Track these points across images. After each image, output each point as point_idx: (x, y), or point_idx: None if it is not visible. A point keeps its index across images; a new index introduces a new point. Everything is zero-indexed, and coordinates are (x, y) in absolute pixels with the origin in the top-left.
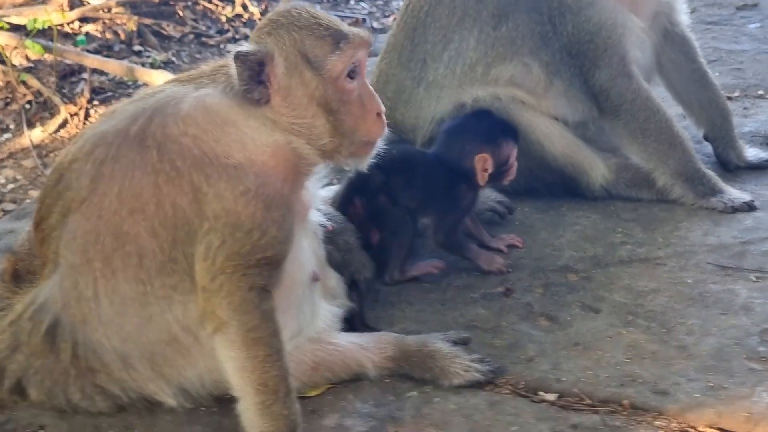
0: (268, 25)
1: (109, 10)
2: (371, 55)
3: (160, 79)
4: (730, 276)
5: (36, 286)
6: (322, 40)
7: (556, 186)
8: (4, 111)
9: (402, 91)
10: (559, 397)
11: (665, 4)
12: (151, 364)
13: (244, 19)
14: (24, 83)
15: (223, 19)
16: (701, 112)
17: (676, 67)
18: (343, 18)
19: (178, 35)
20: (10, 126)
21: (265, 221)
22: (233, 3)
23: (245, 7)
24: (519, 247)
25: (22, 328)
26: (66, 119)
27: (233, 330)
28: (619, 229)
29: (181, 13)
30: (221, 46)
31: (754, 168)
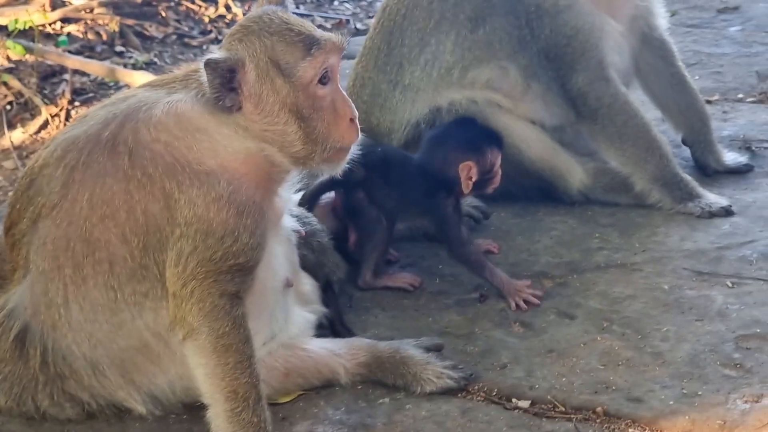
0: (240, 31)
1: (91, 11)
2: (350, 57)
3: (141, 80)
4: (707, 282)
5: (6, 291)
6: (293, 46)
7: (533, 190)
8: None
9: (378, 95)
10: (532, 405)
11: (643, 8)
12: (121, 371)
13: (227, 20)
14: (5, 84)
15: (206, 19)
16: (679, 116)
17: (655, 71)
18: (326, 19)
19: (160, 36)
20: None
21: (237, 228)
22: (216, 4)
23: (228, 7)
24: (495, 253)
25: None
26: (47, 120)
27: (203, 336)
28: (596, 235)
29: (163, 14)
30: (204, 47)
31: (732, 172)
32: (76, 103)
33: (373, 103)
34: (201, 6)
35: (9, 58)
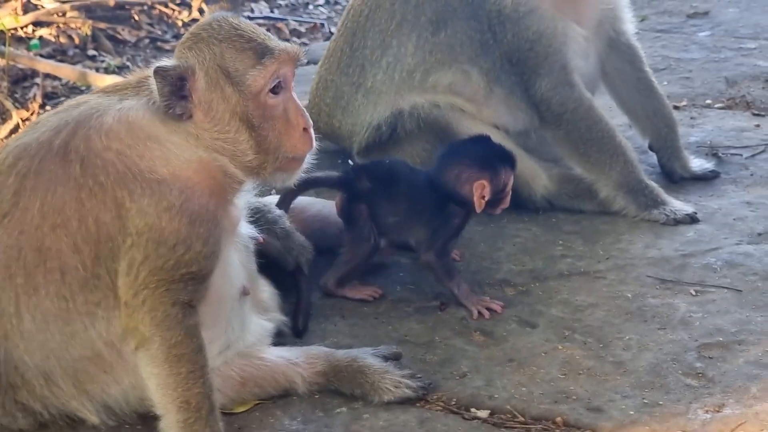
0: (190, 39)
1: (63, 15)
2: (315, 62)
3: None
4: (670, 290)
5: None
6: (243, 54)
7: None
8: None
9: (340, 97)
10: (491, 414)
11: (609, 13)
12: (73, 381)
13: None
14: None
15: (179, 23)
16: (646, 121)
17: (622, 76)
18: (301, 23)
19: (133, 40)
20: None
21: (190, 236)
22: (190, 7)
23: (202, 11)
24: (457, 261)
25: None
26: (18, 124)
27: (156, 346)
28: (560, 242)
29: (136, 18)
30: None
31: (698, 179)
32: (48, 108)
33: (336, 106)
34: (174, 10)
35: None
